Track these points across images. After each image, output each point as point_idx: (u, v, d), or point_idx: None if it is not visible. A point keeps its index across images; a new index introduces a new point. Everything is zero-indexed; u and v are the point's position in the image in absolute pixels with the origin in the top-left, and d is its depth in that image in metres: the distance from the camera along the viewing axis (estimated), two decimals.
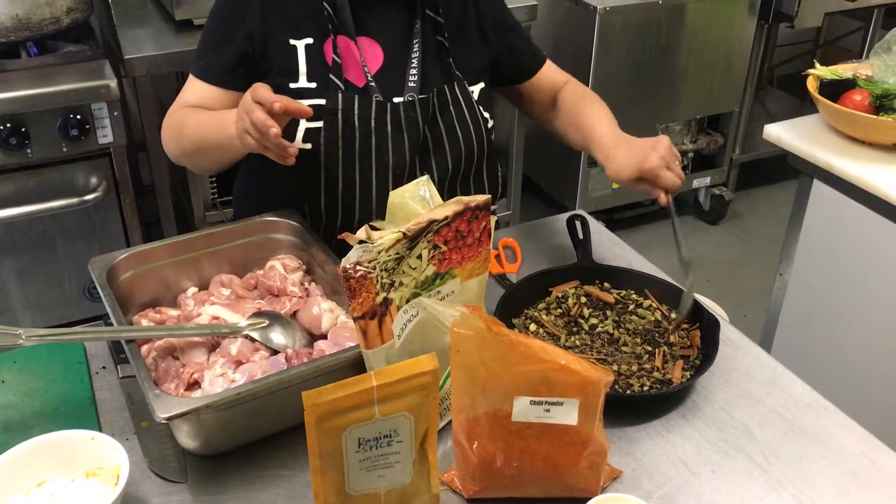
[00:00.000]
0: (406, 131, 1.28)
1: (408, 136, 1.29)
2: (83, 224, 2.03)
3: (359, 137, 1.26)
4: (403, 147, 1.29)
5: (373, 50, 1.31)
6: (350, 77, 1.28)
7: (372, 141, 1.27)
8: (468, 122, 1.34)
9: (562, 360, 0.86)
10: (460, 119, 1.34)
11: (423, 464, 0.85)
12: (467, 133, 1.34)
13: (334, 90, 1.26)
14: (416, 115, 1.29)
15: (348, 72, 1.28)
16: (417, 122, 1.29)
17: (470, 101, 1.35)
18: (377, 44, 1.32)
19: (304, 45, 1.28)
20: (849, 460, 0.99)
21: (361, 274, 0.88)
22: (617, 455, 0.98)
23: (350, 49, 1.29)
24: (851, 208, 1.66)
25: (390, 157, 1.28)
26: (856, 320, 1.73)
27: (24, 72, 1.90)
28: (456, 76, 1.34)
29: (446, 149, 1.33)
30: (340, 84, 1.26)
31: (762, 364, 1.14)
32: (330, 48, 1.27)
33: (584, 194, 2.95)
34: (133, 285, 1.15)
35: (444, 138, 1.32)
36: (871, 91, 1.64)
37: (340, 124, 1.25)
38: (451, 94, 1.33)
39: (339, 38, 1.28)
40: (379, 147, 1.28)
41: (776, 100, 3.71)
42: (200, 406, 0.88)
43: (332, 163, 1.27)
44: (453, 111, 1.33)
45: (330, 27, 1.27)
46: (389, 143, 1.28)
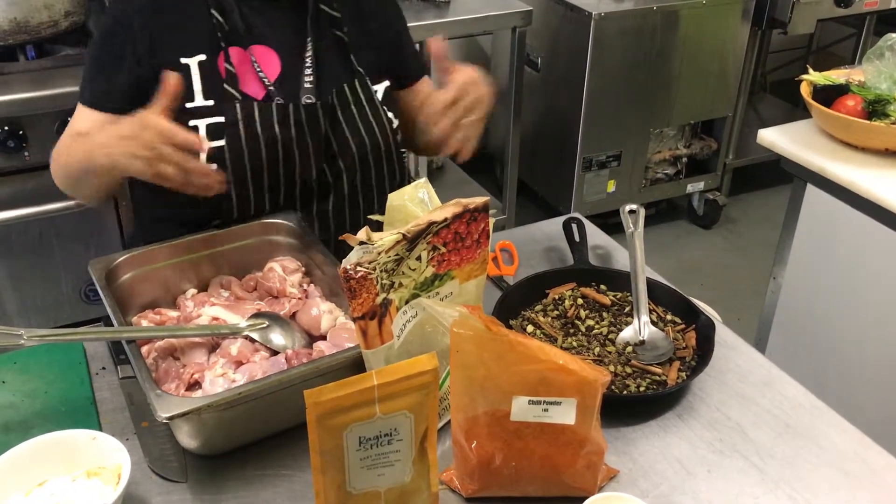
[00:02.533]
0: (309, 134, 1.24)
1: (311, 139, 1.25)
2: (80, 227, 2.03)
3: (264, 146, 1.22)
4: (308, 151, 1.25)
5: (269, 57, 1.27)
6: (248, 89, 1.24)
7: (278, 148, 1.23)
8: (371, 120, 1.30)
9: (560, 360, 0.87)
10: (363, 118, 1.29)
11: (422, 462, 0.86)
12: (371, 132, 1.30)
13: (231, 102, 1.21)
14: (318, 115, 1.24)
15: (246, 84, 1.24)
16: (319, 124, 1.25)
17: (372, 99, 1.30)
18: (272, 50, 1.27)
19: (196, 63, 1.22)
20: (842, 459, 1.00)
21: (362, 275, 0.89)
22: (614, 455, 0.99)
23: (244, 60, 1.24)
24: (844, 212, 1.67)
25: (297, 163, 1.25)
26: (849, 323, 1.75)
27: (21, 75, 1.91)
28: (357, 72, 1.30)
29: (351, 149, 1.29)
30: (237, 94, 1.22)
31: (757, 365, 1.15)
32: (223, 62, 1.22)
33: (578, 198, 2.97)
34: (132, 287, 1.15)
35: (349, 138, 1.29)
36: (863, 96, 1.66)
37: (244, 136, 1.21)
38: (351, 93, 1.29)
39: (231, 50, 1.23)
40: (286, 153, 1.24)
41: (769, 105, 3.73)
42: (202, 406, 0.88)
43: (241, 177, 1.22)
44: (355, 111, 1.29)
45: (220, 35, 1.22)
46: (295, 148, 1.24)
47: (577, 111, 2.81)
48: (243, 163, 1.22)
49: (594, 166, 2.93)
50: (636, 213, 1.29)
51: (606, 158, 2.94)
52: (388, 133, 1.33)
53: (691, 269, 3.05)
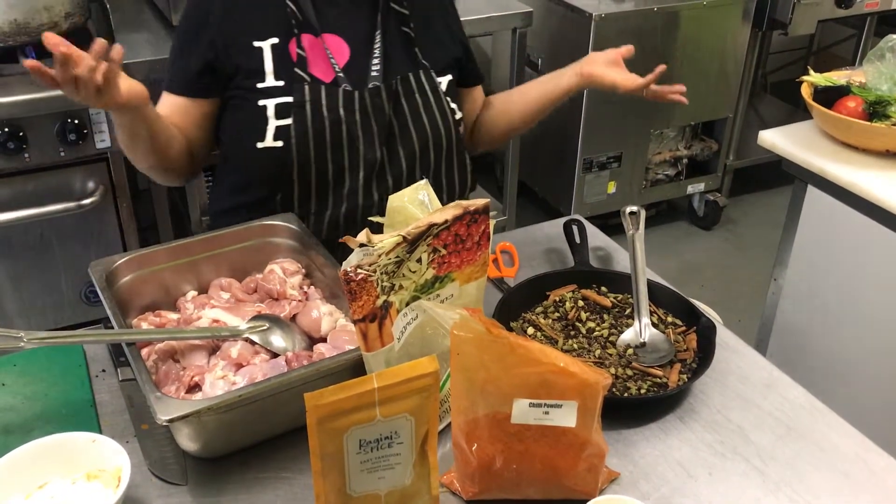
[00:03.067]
0: (374, 118, 1.30)
1: (376, 123, 1.30)
2: (80, 228, 2.03)
3: (329, 128, 1.27)
4: (373, 134, 1.30)
5: (338, 46, 1.33)
6: (317, 72, 1.30)
7: (342, 130, 1.28)
8: (434, 109, 1.35)
9: (560, 363, 0.87)
10: (426, 107, 1.35)
11: (423, 465, 0.86)
12: (433, 121, 1.35)
13: (300, 83, 1.27)
14: (382, 101, 1.30)
15: (315, 67, 1.29)
16: (384, 109, 1.30)
17: (436, 89, 1.36)
18: (342, 39, 1.33)
19: (269, 46, 1.29)
20: (843, 461, 1.00)
21: (362, 277, 0.89)
22: (615, 457, 0.99)
23: (316, 45, 1.30)
24: (845, 213, 1.67)
25: (361, 145, 1.30)
26: (850, 324, 1.75)
27: (22, 76, 1.91)
28: (422, 65, 1.35)
29: (412, 136, 1.34)
30: (307, 77, 1.27)
31: (758, 367, 1.15)
32: (295, 46, 1.28)
33: (579, 200, 2.97)
34: (132, 289, 1.15)
35: (410, 125, 1.33)
36: (864, 98, 1.66)
37: (309, 117, 1.26)
38: (416, 82, 1.34)
39: (303, 36, 1.30)
40: (350, 136, 1.29)
41: (770, 106, 3.73)
42: (202, 408, 0.88)
43: (305, 155, 1.27)
44: (419, 99, 1.34)
45: (294, 23, 1.28)
46: (359, 132, 1.29)
47: (577, 112, 2.81)
48: (307, 141, 1.27)
49: (594, 167, 2.93)
50: (637, 214, 1.29)
51: (607, 159, 2.94)
52: (450, 123, 1.38)
53: (692, 271, 3.05)
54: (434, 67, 1.37)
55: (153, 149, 1.27)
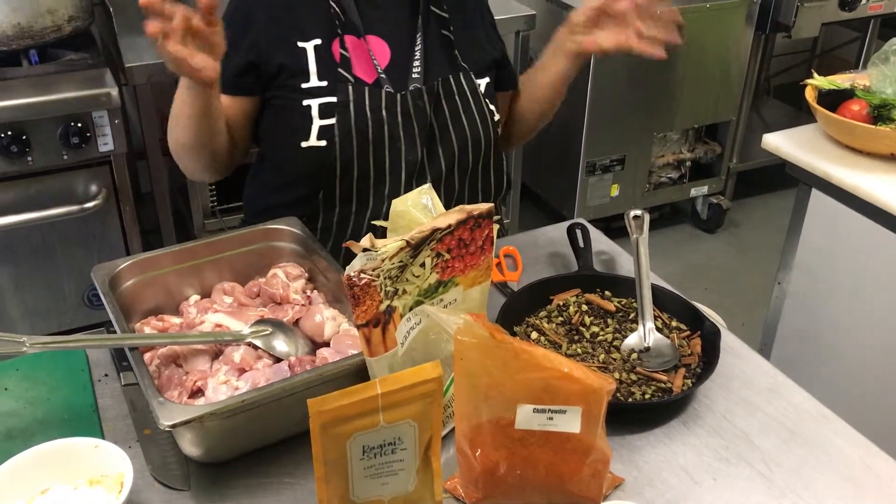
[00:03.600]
0: (415, 120, 1.31)
1: (417, 124, 1.31)
2: (83, 232, 2.03)
3: (372, 128, 1.29)
4: (414, 135, 1.31)
5: (380, 47, 1.34)
6: (360, 73, 1.31)
7: (384, 131, 1.30)
8: (473, 111, 1.36)
9: (564, 368, 0.86)
10: (466, 108, 1.36)
11: (426, 471, 0.86)
12: (473, 122, 1.36)
13: (344, 83, 1.28)
14: (424, 103, 1.31)
15: (358, 68, 1.31)
16: (425, 110, 1.32)
17: (475, 91, 1.37)
18: (383, 41, 1.35)
19: (312, 47, 1.30)
20: (849, 467, 0.99)
21: (365, 282, 0.89)
22: (619, 463, 0.99)
23: (359, 46, 1.32)
24: (849, 217, 1.67)
25: (402, 146, 1.31)
26: (854, 328, 1.74)
27: (25, 79, 1.91)
28: (461, 67, 1.37)
29: (452, 137, 1.35)
30: (350, 77, 1.29)
31: (762, 372, 1.15)
32: (338, 47, 1.29)
33: (582, 203, 2.96)
34: (135, 293, 1.15)
35: (450, 126, 1.35)
36: (868, 101, 1.66)
37: (353, 116, 1.28)
38: (456, 85, 1.35)
39: (346, 38, 1.31)
40: (392, 136, 1.30)
41: (773, 109, 3.73)
42: (204, 414, 0.88)
43: (348, 154, 1.29)
44: (458, 101, 1.35)
45: (337, 24, 1.30)
46: (401, 132, 1.30)
47: (580, 115, 2.81)
48: (350, 141, 1.28)
49: (598, 170, 2.93)
50: (641, 218, 1.29)
51: (610, 162, 2.94)
52: (489, 125, 1.38)
53: (695, 274, 3.04)
54: (473, 70, 1.38)
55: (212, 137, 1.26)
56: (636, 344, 1.15)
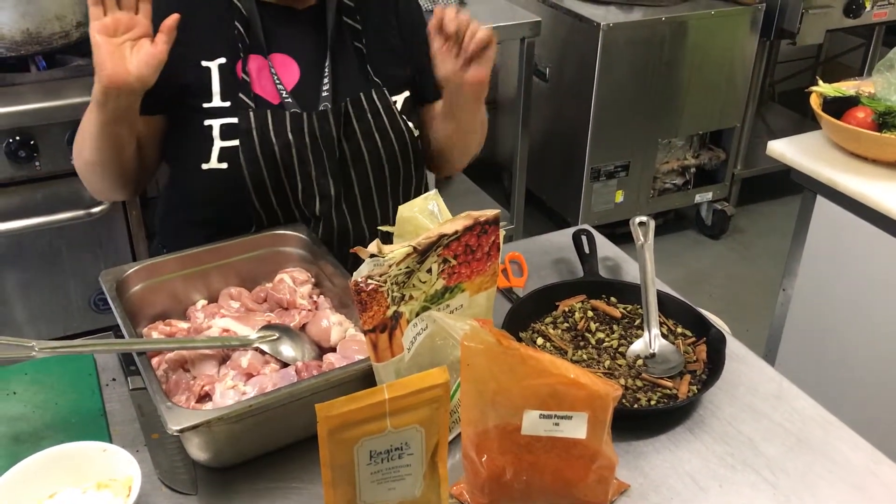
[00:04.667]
0: (322, 144, 1.27)
1: (325, 149, 1.27)
2: (89, 236, 2.04)
3: (279, 152, 1.24)
4: (323, 159, 1.27)
5: (288, 66, 1.30)
6: (263, 94, 1.27)
7: (293, 153, 1.26)
8: (388, 129, 1.31)
9: (571, 374, 0.87)
10: (379, 127, 1.31)
11: (433, 477, 0.86)
12: (387, 140, 1.31)
13: (245, 109, 1.24)
14: (330, 125, 1.27)
15: (261, 88, 1.27)
16: (331, 133, 1.27)
17: (389, 108, 1.32)
18: (292, 59, 1.30)
19: (216, 66, 1.26)
20: (854, 474, 1.00)
21: (372, 287, 0.89)
22: (625, 469, 0.99)
23: (263, 66, 1.27)
24: (854, 224, 1.67)
25: (312, 170, 1.27)
26: (859, 335, 1.74)
27: (33, 85, 1.92)
28: (374, 83, 1.32)
29: (365, 158, 1.31)
30: (250, 102, 1.25)
31: (768, 378, 1.15)
32: (240, 68, 1.25)
33: (586, 209, 2.97)
34: (143, 298, 1.15)
35: (363, 148, 1.30)
36: (873, 108, 1.66)
37: (258, 142, 1.24)
38: (368, 102, 1.30)
39: (250, 58, 1.26)
40: (301, 160, 1.26)
41: (777, 116, 3.73)
42: (212, 418, 0.88)
43: (259, 180, 1.25)
44: (371, 119, 1.30)
45: (240, 46, 1.25)
46: (310, 157, 1.26)
47: (585, 121, 2.82)
48: (259, 166, 1.24)
49: (602, 176, 2.93)
50: (646, 225, 1.29)
51: (614, 168, 2.94)
52: (406, 141, 1.33)
53: (699, 280, 3.04)
54: (387, 84, 1.32)
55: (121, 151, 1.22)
56: (642, 350, 1.15)
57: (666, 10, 2.79)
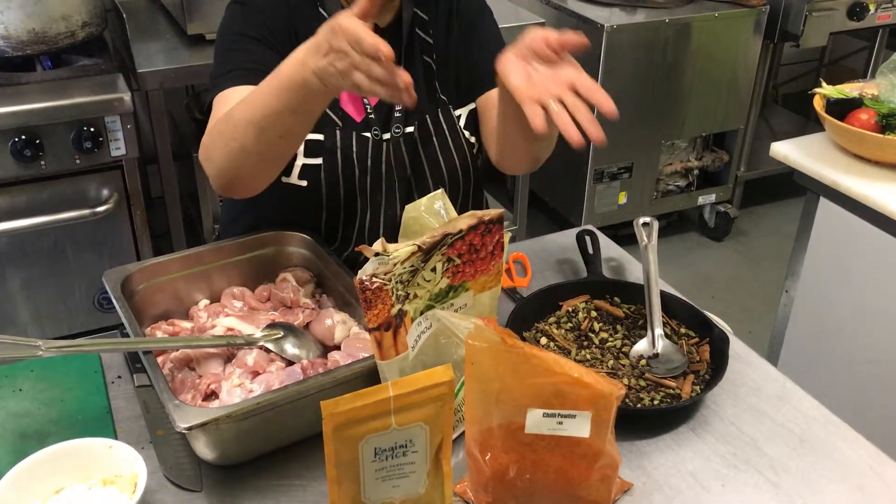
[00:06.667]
0: (395, 170, 1.29)
1: (397, 175, 1.29)
2: (94, 235, 2.05)
3: (358, 176, 1.26)
4: (394, 186, 1.30)
5: None
6: (348, 110, 1.27)
7: (368, 181, 1.27)
8: (451, 150, 1.32)
9: (575, 373, 0.87)
10: (444, 149, 1.32)
11: (437, 474, 0.86)
12: (451, 163, 1.32)
13: (332, 127, 1.24)
14: (402, 152, 1.28)
15: (346, 104, 1.27)
16: (404, 160, 1.29)
17: (454, 127, 1.32)
18: None
19: None
20: (857, 474, 1.00)
21: (377, 286, 0.90)
22: (628, 468, 0.99)
23: None
24: (858, 226, 1.67)
25: (383, 198, 1.29)
26: (862, 337, 1.74)
27: (38, 84, 1.93)
28: (440, 101, 1.32)
29: (429, 180, 1.32)
30: (337, 120, 1.25)
31: (771, 379, 1.15)
32: None
33: (589, 210, 2.97)
34: (146, 297, 1.16)
35: (426, 172, 1.32)
36: (877, 110, 1.66)
37: (340, 163, 1.25)
38: (433, 125, 1.31)
39: None
40: (373, 188, 1.28)
41: (781, 118, 3.73)
42: (220, 416, 0.89)
43: (335, 199, 1.26)
44: (436, 142, 1.31)
45: None
46: (383, 184, 1.29)
47: None
48: (338, 187, 1.25)
49: (605, 178, 2.94)
50: (650, 225, 1.29)
51: (618, 170, 2.94)
52: (468, 161, 1.34)
53: (702, 282, 3.04)
54: (453, 102, 1.33)
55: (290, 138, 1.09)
56: (645, 350, 1.15)
57: (669, 11, 2.80)
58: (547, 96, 0.96)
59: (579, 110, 0.94)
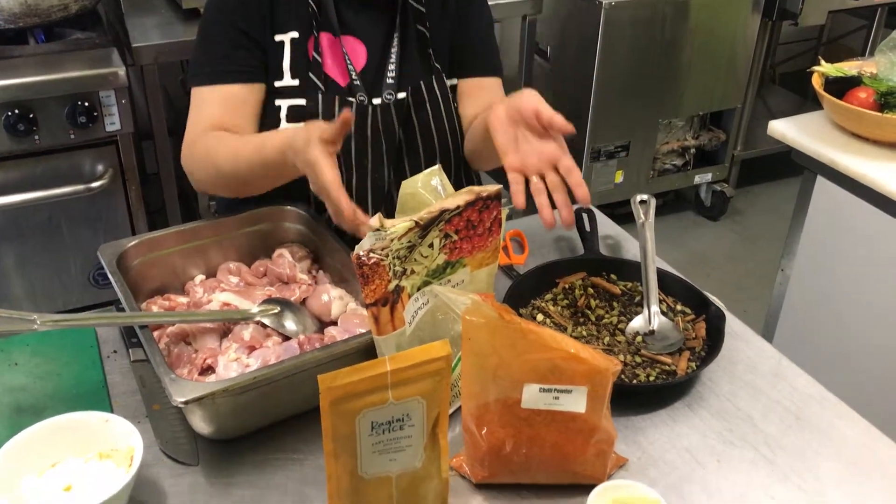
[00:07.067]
0: (384, 137, 1.28)
1: (385, 140, 1.28)
2: (89, 211, 2.04)
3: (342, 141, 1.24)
4: (382, 153, 1.29)
5: (357, 49, 1.30)
6: (333, 74, 1.27)
7: (352, 146, 1.26)
8: (444, 121, 1.32)
9: (571, 349, 0.87)
10: (436, 117, 1.31)
11: (433, 448, 0.87)
12: (442, 133, 1.32)
13: (315, 91, 1.24)
14: (392, 118, 1.28)
15: (331, 69, 1.27)
16: (393, 126, 1.28)
17: (447, 97, 1.33)
18: (361, 42, 1.30)
19: (289, 39, 1.26)
20: (851, 451, 1.00)
21: (374, 261, 0.90)
22: (623, 443, 1.00)
23: (334, 45, 1.27)
24: (855, 204, 1.67)
25: (369, 164, 1.28)
26: (857, 315, 1.75)
27: (31, 58, 1.91)
28: (435, 69, 1.32)
29: (420, 151, 1.32)
30: (320, 84, 1.25)
31: (766, 356, 1.16)
32: (312, 46, 1.25)
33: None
34: (142, 272, 1.15)
35: (418, 138, 1.31)
36: (875, 88, 1.65)
37: None
38: (427, 92, 1.31)
39: (322, 35, 1.26)
40: (358, 152, 1.27)
41: (778, 97, 3.72)
42: (217, 390, 0.89)
43: None
44: (430, 109, 1.31)
45: (314, 23, 1.25)
46: (369, 150, 1.27)
47: (586, 101, 2.81)
48: None
49: (602, 156, 2.93)
50: (647, 203, 1.29)
51: (615, 149, 2.94)
52: (457, 133, 1.34)
53: (697, 261, 3.05)
54: (446, 71, 1.33)
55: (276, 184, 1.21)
56: (641, 327, 1.15)
57: None
58: (531, 171, 1.06)
59: (558, 192, 1.05)
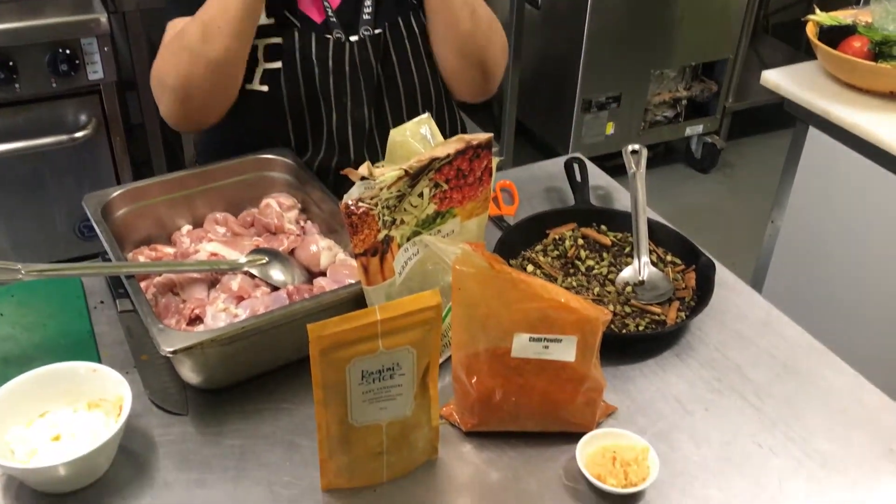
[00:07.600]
0: (361, 72, 1.26)
1: (363, 76, 1.26)
2: (73, 162, 2.01)
3: (318, 77, 1.24)
4: (360, 88, 1.27)
5: None
6: (308, 11, 1.25)
7: (330, 83, 1.25)
8: (423, 56, 1.31)
9: (561, 298, 0.87)
10: (415, 54, 1.30)
11: (424, 397, 0.87)
12: (422, 71, 1.31)
13: (290, 28, 1.22)
14: (369, 54, 1.26)
15: (307, 6, 1.25)
16: (371, 62, 1.26)
17: (425, 32, 1.31)
18: None
19: None
20: (838, 399, 1.01)
21: (363, 210, 0.88)
22: (612, 392, 1.00)
23: None
24: (846, 155, 1.66)
25: (348, 101, 1.26)
26: (847, 266, 1.75)
27: (11, 4, 1.86)
28: (412, 5, 1.30)
29: (400, 88, 1.30)
30: (296, 21, 1.23)
31: (756, 307, 1.16)
32: None
33: (577, 140, 2.94)
34: (127, 223, 1.14)
35: (398, 78, 1.30)
36: (870, 38, 1.64)
37: (299, 65, 1.22)
38: (405, 28, 1.29)
39: None
40: (337, 90, 1.25)
41: (771, 48, 3.68)
42: (205, 340, 0.88)
43: (297, 103, 1.24)
44: (408, 45, 1.29)
45: None
46: (348, 86, 1.26)
47: (577, 51, 2.77)
48: (298, 88, 1.23)
49: (593, 108, 2.90)
50: (639, 153, 1.28)
51: (606, 100, 2.91)
52: (437, 71, 1.32)
53: (687, 213, 3.04)
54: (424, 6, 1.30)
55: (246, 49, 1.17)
56: (631, 277, 1.15)
57: None
58: None
59: None
